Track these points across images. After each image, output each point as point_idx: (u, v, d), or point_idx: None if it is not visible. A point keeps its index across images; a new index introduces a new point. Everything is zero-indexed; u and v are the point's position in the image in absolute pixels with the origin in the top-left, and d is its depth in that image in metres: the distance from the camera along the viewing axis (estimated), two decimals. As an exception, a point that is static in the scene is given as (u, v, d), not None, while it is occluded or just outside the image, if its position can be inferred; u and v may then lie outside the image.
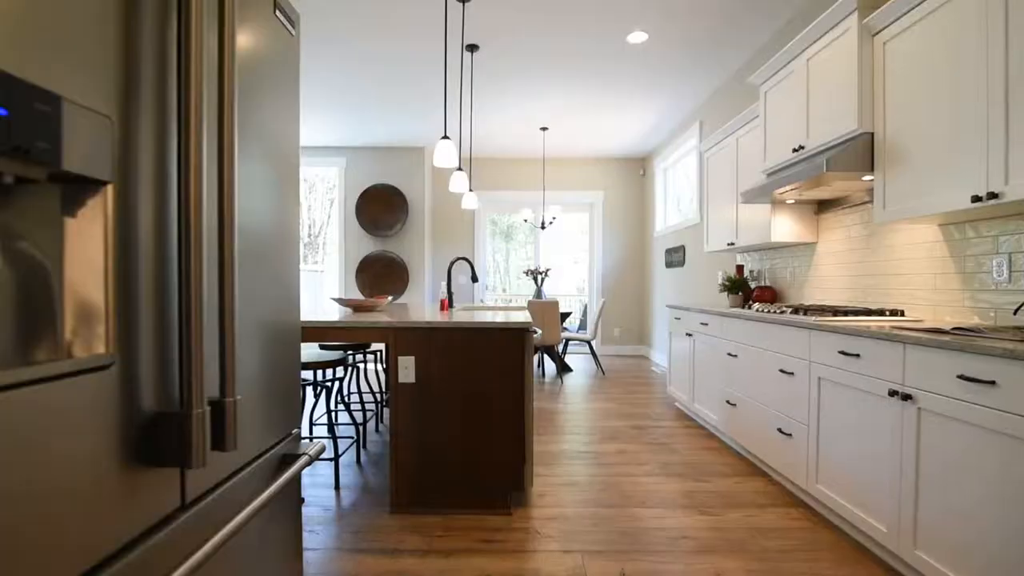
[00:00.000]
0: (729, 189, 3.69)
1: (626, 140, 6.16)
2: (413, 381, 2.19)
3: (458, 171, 3.30)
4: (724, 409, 3.08)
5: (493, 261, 9.35)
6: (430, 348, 2.19)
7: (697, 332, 3.54)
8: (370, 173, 6.53)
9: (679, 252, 5.58)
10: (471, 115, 4.56)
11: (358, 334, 2.20)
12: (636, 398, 4.41)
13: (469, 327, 2.17)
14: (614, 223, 7.05)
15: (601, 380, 5.23)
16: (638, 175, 7.02)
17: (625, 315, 7.06)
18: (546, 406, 4.13)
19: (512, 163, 7.04)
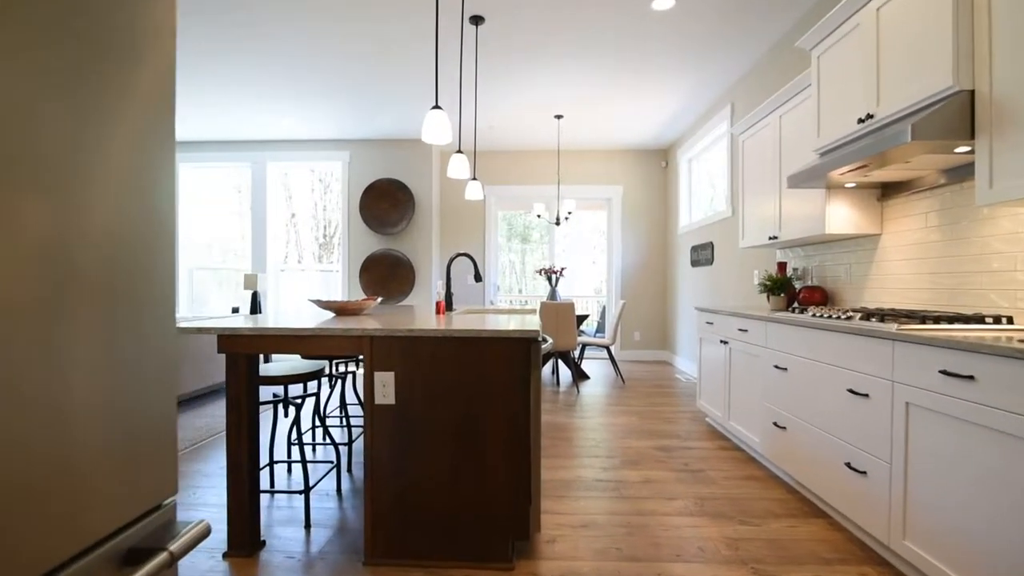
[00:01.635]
0: (770, 176, 3.21)
1: (647, 129, 5.69)
2: (393, 403, 1.79)
3: (457, 154, 2.90)
4: (770, 432, 2.61)
5: (509, 262, 8.97)
6: (414, 362, 1.78)
7: (734, 339, 3.07)
8: (375, 168, 6.17)
9: (706, 249, 5.10)
10: (476, 96, 4.15)
11: (325, 344, 1.81)
12: (661, 411, 3.95)
13: (461, 336, 1.75)
14: (634, 219, 6.58)
15: (621, 389, 4.77)
16: (659, 167, 6.54)
17: (646, 318, 6.58)
18: (559, 420, 3.70)
19: (525, 156, 6.62)
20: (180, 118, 5.38)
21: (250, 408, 1.89)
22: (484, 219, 6.67)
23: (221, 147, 6.24)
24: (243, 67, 4.13)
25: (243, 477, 1.87)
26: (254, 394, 1.92)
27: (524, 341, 1.76)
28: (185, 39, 3.68)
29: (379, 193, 6.12)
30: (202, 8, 3.33)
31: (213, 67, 4.14)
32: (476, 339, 1.77)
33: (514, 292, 8.63)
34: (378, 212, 6.12)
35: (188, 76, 4.30)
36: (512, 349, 1.76)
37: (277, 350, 1.82)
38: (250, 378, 1.89)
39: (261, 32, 3.59)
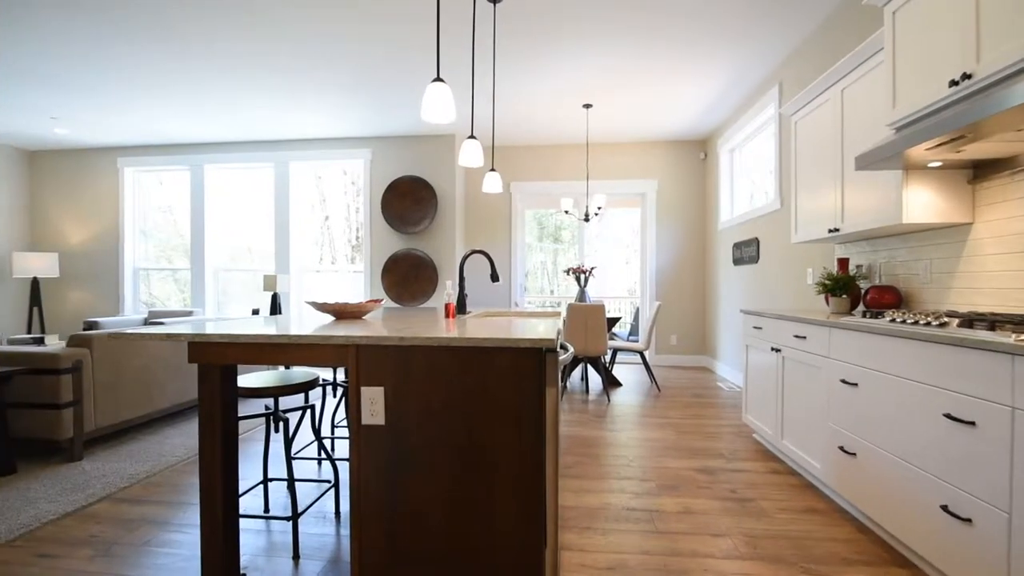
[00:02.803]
0: (829, 160, 2.80)
1: (684, 118, 5.28)
2: (382, 424, 1.52)
3: (469, 139, 2.62)
4: (835, 457, 2.21)
5: (540, 262, 8.68)
6: (406, 375, 1.50)
7: (788, 347, 2.68)
8: (397, 165, 5.98)
9: (751, 246, 4.66)
10: (493, 80, 3.89)
11: (305, 353, 1.55)
12: (702, 425, 3.56)
13: (460, 346, 1.47)
14: (670, 215, 6.16)
15: (656, 399, 4.39)
16: (697, 159, 6.10)
17: (683, 320, 6.15)
18: (587, 433, 3.37)
19: (552, 150, 6.30)
20: (207, 119, 5.32)
21: (225, 425, 1.66)
22: (510, 217, 6.39)
23: (244, 147, 6.18)
24: (264, 67, 3.98)
25: (216, 502, 1.64)
26: (230, 409, 1.68)
27: (535, 352, 1.46)
28: (213, 41, 3.54)
29: (401, 191, 5.92)
30: (223, 4, 3.17)
31: (234, 66, 4.01)
32: (478, 349, 1.48)
33: (545, 293, 8.32)
34: (400, 210, 5.92)
35: (214, 77, 4.19)
36: (521, 361, 1.46)
37: (251, 360, 1.58)
38: (225, 391, 1.66)
39: (283, 32, 3.42)
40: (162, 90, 4.59)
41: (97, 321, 5.15)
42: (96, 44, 3.75)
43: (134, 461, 2.78)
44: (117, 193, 6.39)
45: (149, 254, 6.63)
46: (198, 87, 4.52)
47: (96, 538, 1.97)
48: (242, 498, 2.34)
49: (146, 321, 5.48)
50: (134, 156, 6.35)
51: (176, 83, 4.42)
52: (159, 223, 6.65)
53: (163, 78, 4.31)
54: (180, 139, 6.06)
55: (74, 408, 2.76)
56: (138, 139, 6.05)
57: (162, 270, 6.61)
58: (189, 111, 5.12)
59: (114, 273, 6.40)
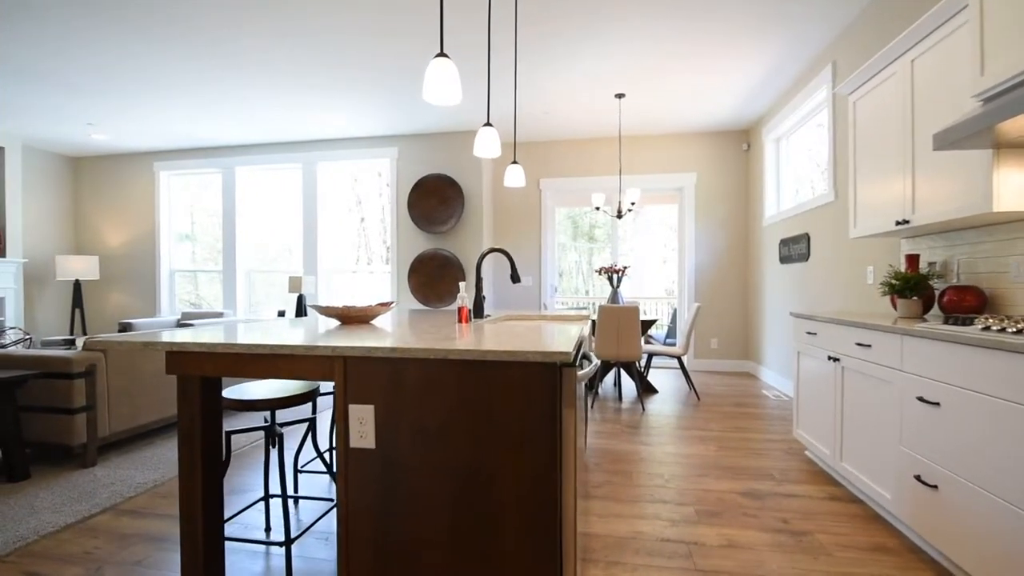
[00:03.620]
0: (896, 141, 2.45)
1: (724, 106, 4.92)
2: (372, 446, 1.32)
3: (485, 127, 2.41)
4: (910, 488, 1.89)
5: (575, 262, 8.43)
6: (399, 392, 1.31)
7: (849, 356, 2.35)
8: (424, 163, 5.85)
9: (800, 243, 4.27)
10: (515, 67, 3.69)
11: (288, 366, 1.38)
12: (747, 439, 3.24)
13: (462, 359, 1.26)
14: (709, 210, 5.79)
15: (695, 408, 4.07)
16: (739, 150, 5.71)
17: (725, 323, 5.77)
18: (619, 446, 3.10)
19: (584, 144, 6.03)
20: (237, 121, 5.33)
21: (207, 442, 1.51)
22: (540, 215, 6.15)
23: (273, 149, 6.19)
24: (290, 67, 3.90)
25: (197, 531, 1.49)
26: (213, 424, 1.53)
27: (547, 367, 1.23)
28: (238, 39, 3.48)
29: (427, 190, 5.78)
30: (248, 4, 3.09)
31: (261, 67, 3.94)
32: (481, 363, 1.26)
33: (580, 294, 8.09)
34: (426, 210, 5.78)
35: (241, 78, 4.14)
36: (532, 377, 1.24)
37: (231, 372, 1.42)
38: (207, 406, 1.51)
39: (309, 28, 3.32)
40: (194, 96, 4.60)
41: (131, 323, 5.22)
42: (128, 53, 3.76)
43: (145, 469, 2.71)
44: (153, 196, 6.52)
45: (197, 255, 6.74)
46: (227, 90, 4.50)
47: (89, 555, 1.87)
48: (244, 514, 2.21)
49: (178, 323, 5.54)
50: (169, 160, 6.46)
51: (206, 87, 4.41)
52: (206, 225, 6.76)
53: (193, 82, 4.30)
54: (212, 142, 6.12)
55: (87, 413, 2.71)
56: (173, 143, 6.15)
57: (195, 272, 6.71)
58: (219, 114, 5.13)
59: (151, 275, 6.54)
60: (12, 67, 4.09)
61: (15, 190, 5.72)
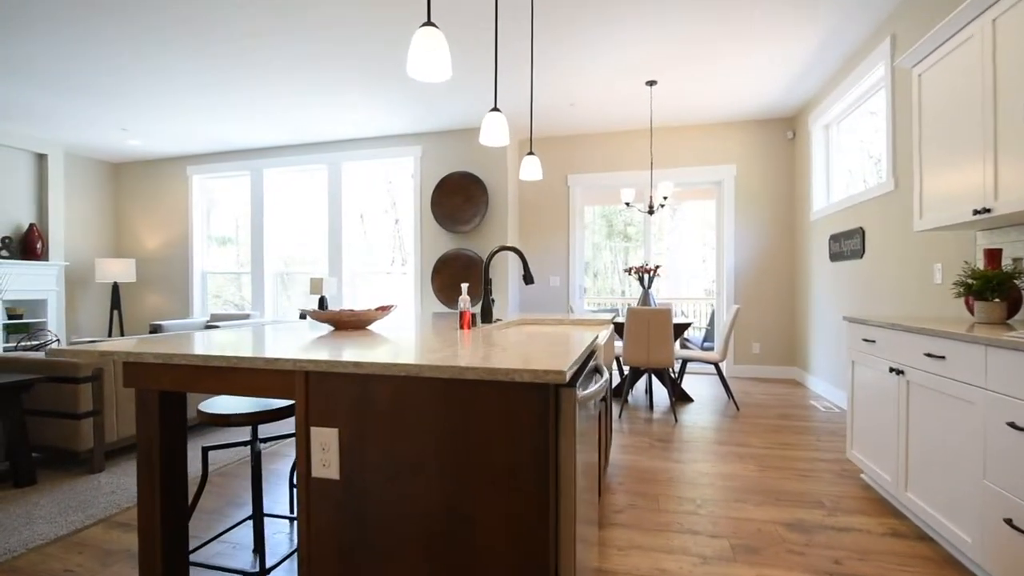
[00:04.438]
0: (973, 117, 2.09)
1: (766, 91, 4.54)
2: (337, 477, 1.13)
3: (492, 112, 2.19)
4: (999, 532, 1.56)
5: (611, 262, 8.16)
6: (366, 415, 1.11)
7: (916, 368, 2.01)
8: (447, 161, 5.70)
9: (853, 238, 3.86)
10: (531, 50, 3.48)
11: (247, 381, 1.21)
12: (792, 458, 2.90)
13: (437, 377, 1.05)
14: (750, 205, 5.39)
15: (734, 419, 3.73)
16: (783, 139, 5.29)
17: (768, 326, 5.36)
18: (646, 462, 2.83)
19: (612, 137, 5.73)
20: (264, 123, 5.33)
21: (167, 463, 1.36)
22: (568, 213, 5.90)
23: (299, 150, 6.18)
24: (316, 67, 3.82)
25: (155, 557, 1.34)
26: (174, 443, 1.38)
27: (538, 388, 1.01)
28: (267, 46, 3.41)
29: (451, 188, 5.63)
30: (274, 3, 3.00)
31: (283, 69, 3.88)
32: (460, 382, 1.05)
33: (616, 295, 7.79)
34: (450, 208, 5.63)
35: (268, 79, 4.10)
36: (519, 400, 1.02)
37: (190, 387, 1.26)
38: (167, 421, 1.36)
39: (337, 33, 3.21)
40: (220, 100, 4.60)
41: (161, 324, 5.29)
42: (158, 63, 3.79)
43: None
44: (186, 200, 6.64)
45: (231, 257, 6.84)
46: (253, 92, 4.47)
47: (70, 573, 1.77)
48: (234, 532, 2.08)
49: (206, 325, 5.58)
50: (201, 164, 6.56)
51: (230, 90, 4.39)
52: (238, 227, 6.84)
53: (216, 85, 4.28)
54: (240, 145, 6.16)
55: (94, 418, 2.66)
56: (204, 147, 6.23)
57: (226, 274, 6.79)
58: (246, 116, 5.13)
59: (184, 277, 6.65)
60: (50, 77, 4.18)
61: (57, 196, 5.91)
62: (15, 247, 5.58)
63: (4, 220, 5.53)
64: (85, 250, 6.56)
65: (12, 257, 5.52)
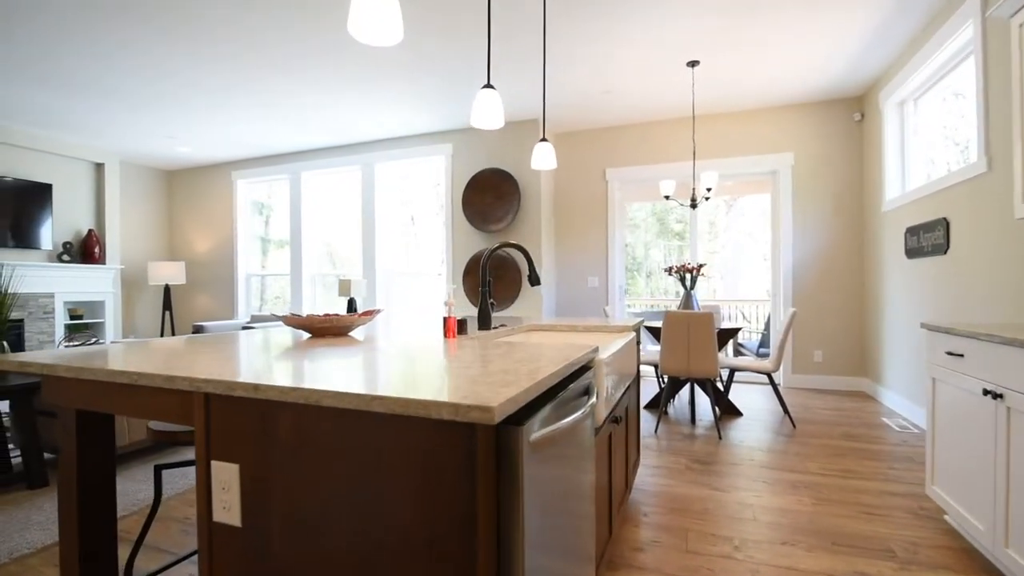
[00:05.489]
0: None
1: (828, 68, 4.02)
2: (239, 524, 0.92)
3: (485, 89, 1.94)
4: None
5: (664, 259, 7.74)
6: (269, 449, 0.89)
7: (1019, 392, 1.58)
8: (478, 158, 5.51)
9: (935, 230, 3.31)
10: (543, 30, 3.20)
11: (145, 400, 1.03)
12: (857, 489, 2.46)
13: (342, 407, 0.81)
14: (810, 196, 4.84)
15: (789, 439, 3.29)
16: (849, 122, 4.70)
17: (831, 331, 4.78)
18: (680, 488, 2.48)
19: (653, 127, 5.33)
20: (301, 126, 5.36)
21: (87, 490, 1.20)
22: (606, 209, 5.55)
23: (334, 152, 6.19)
24: (345, 63, 3.74)
25: (76, 601, 1.19)
26: (97, 469, 1.22)
27: (461, 430, 0.75)
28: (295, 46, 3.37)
29: (482, 185, 5.43)
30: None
31: (315, 69, 3.83)
32: (368, 416, 0.81)
33: (670, 295, 7.35)
34: (481, 207, 5.43)
35: (302, 82, 4.08)
36: (438, 443, 0.76)
37: (99, 405, 1.10)
38: (88, 442, 1.21)
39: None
40: (258, 104, 4.63)
41: (203, 325, 5.41)
42: (200, 69, 3.87)
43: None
44: (231, 204, 6.83)
45: (275, 259, 6.99)
46: (288, 94, 4.46)
47: (39, 592, 1.68)
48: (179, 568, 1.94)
49: (244, 326, 5.67)
50: (244, 169, 6.72)
51: (266, 93, 4.40)
52: (279, 229, 6.99)
53: (253, 90, 4.30)
54: (279, 149, 6.25)
55: (102, 422, 2.63)
56: (246, 152, 6.37)
57: (266, 275, 6.92)
58: (283, 117, 5.16)
59: (230, 279, 6.85)
60: (102, 89, 4.36)
61: (114, 202, 6.22)
62: (75, 252, 5.91)
63: (66, 226, 5.86)
64: (139, 254, 6.89)
65: (73, 261, 5.83)
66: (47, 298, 5.58)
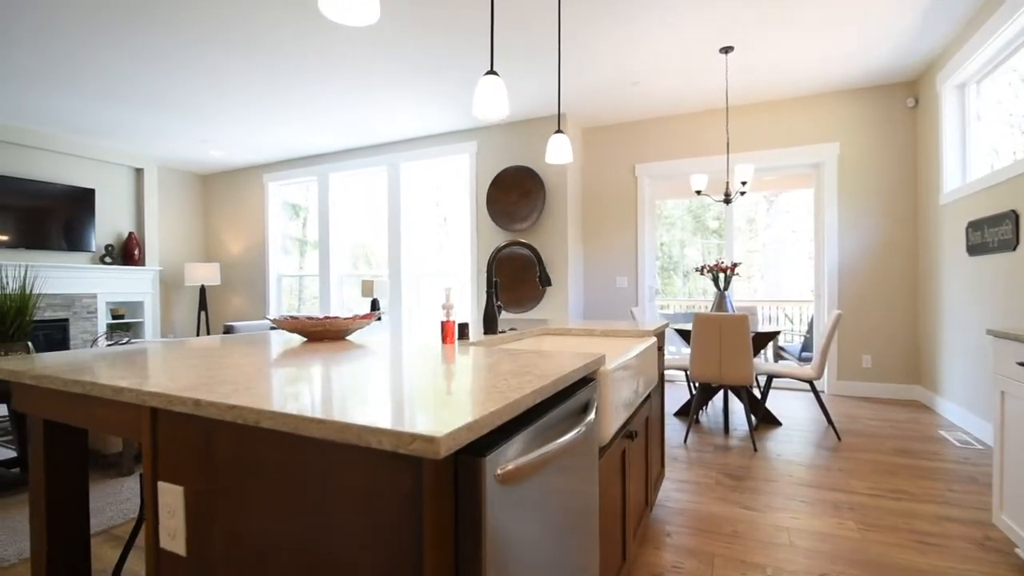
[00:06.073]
0: None
1: (877, 50, 3.70)
2: (183, 554, 0.83)
3: (488, 76, 1.81)
4: None
5: (702, 260, 7.47)
6: (212, 473, 0.80)
7: (1112, 413, 1.33)
8: (503, 156, 5.40)
9: (1002, 224, 2.98)
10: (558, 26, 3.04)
11: (95, 412, 0.95)
12: (909, 512, 2.21)
13: (282, 431, 0.70)
14: (858, 189, 4.50)
15: (833, 453, 3.02)
16: (902, 108, 4.34)
17: (882, 334, 4.43)
18: (708, 506, 2.29)
19: (685, 119, 5.09)
20: (328, 128, 5.39)
21: (56, 504, 1.15)
22: (636, 206, 5.34)
23: (360, 153, 6.21)
24: (370, 62, 3.71)
25: (44, 620, 1.13)
26: (67, 482, 1.17)
27: (408, 461, 0.62)
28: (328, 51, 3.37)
29: (507, 184, 5.31)
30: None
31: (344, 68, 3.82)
32: (312, 444, 0.70)
33: (709, 296, 7.07)
34: (506, 206, 5.31)
35: (333, 79, 4.08)
36: (379, 477, 0.64)
37: (60, 415, 1.04)
38: (54, 454, 1.15)
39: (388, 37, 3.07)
40: (283, 97, 4.67)
41: (233, 325, 5.51)
42: (228, 72, 3.92)
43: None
44: (263, 206, 6.95)
45: (308, 261, 7.10)
46: (315, 95, 4.48)
47: (39, 597, 1.66)
48: None
49: (272, 326, 5.74)
50: (275, 171, 6.84)
51: (295, 87, 4.43)
52: (308, 231, 7.09)
53: (289, 94, 4.34)
54: (308, 151, 6.31)
55: (121, 422, 2.65)
56: (277, 155, 6.47)
57: (295, 276, 7.02)
58: (310, 116, 5.19)
59: (262, 280, 6.98)
60: (143, 96, 4.49)
61: (152, 206, 6.43)
62: (117, 254, 6.13)
63: (108, 229, 6.08)
64: (177, 256, 7.11)
65: (115, 263, 6.05)
66: (90, 298, 5.80)
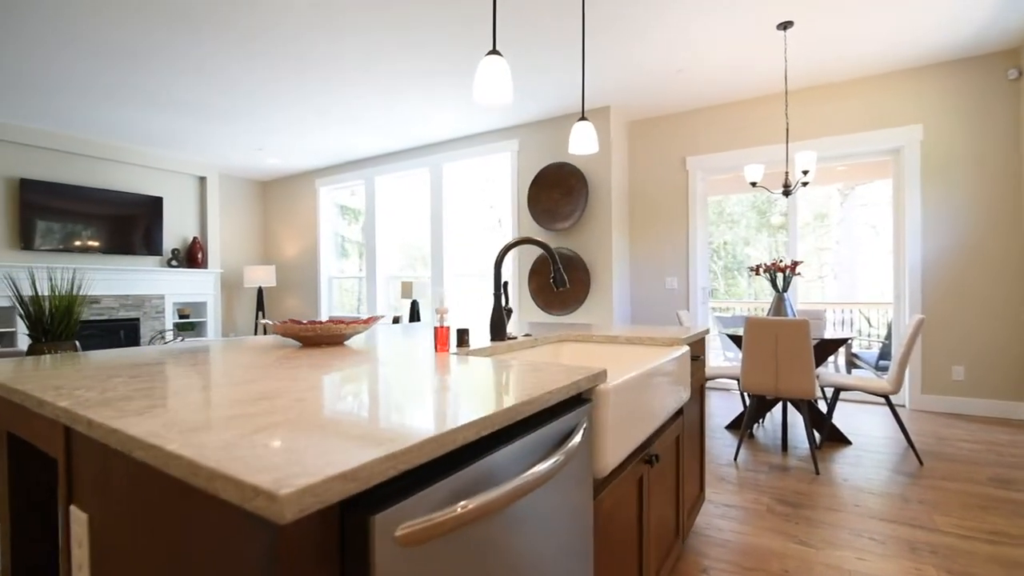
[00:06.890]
0: None
1: (967, 16, 3.21)
2: (89, 591, 0.74)
3: (490, 56, 1.65)
4: None
5: (769, 257, 6.97)
6: (111, 503, 0.70)
7: None
8: (545, 153, 5.23)
9: None
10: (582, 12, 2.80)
11: (34, 425, 0.88)
12: (1007, 559, 1.84)
13: (150, 463, 0.58)
14: (946, 177, 3.95)
15: (912, 480, 2.62)
16: (1000, 81, 3.76)
17: (976, 343, 3.86)
18: (753, 538, 2.02)
19: (739, 107, 4.70)
20: (375, 131, 5.46)
21: (18, 518, 1.10)
22: (687, 202, 5.00)
23: (404, 156, 6.25)
24: (411, 63, 3.70)
25: (10, 634, 1.09)
26: (31, 495, 1.12)
27: (255, 521, 0.48)
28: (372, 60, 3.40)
29: (549, 181, 5.14)
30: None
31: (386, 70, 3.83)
32: (177, 485, 0.57)
33: (769, 295, 6.56)
34: (548, 204, 5.14)
35: (376, 78, 4.13)
36: (238, 535, 0.50)
37: (12, 427, 0.99)
38: (16, 466, 1.11)
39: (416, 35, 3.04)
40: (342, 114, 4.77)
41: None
42: (307, 91, 4.05)
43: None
44: (315, 210, 7.17)
45: (356, 263, 7.28)
46: (360, 99, 4.53)
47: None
48: None
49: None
50: (325, 176, 7.03)
51: (346, 100, 4.50)
52: (358, 233, 7.25)
53: (337, 99, 4.43)
54: (356, 155, 6.44)
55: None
56: (327, 160, 6.66)
57: (344, 278, 7.17)
58: (359, 125, 5.29)
59: (314, 281, 7.19)
60: (205, 108, 4.74)
61: (215, 212, 6.79)
62: (182, 257, 6.51)
63: (176, 234, 6.48)
64: (237, 259, 7.47)
65: (180, 266, 6.43)
66: (158, 299, 6.20)
